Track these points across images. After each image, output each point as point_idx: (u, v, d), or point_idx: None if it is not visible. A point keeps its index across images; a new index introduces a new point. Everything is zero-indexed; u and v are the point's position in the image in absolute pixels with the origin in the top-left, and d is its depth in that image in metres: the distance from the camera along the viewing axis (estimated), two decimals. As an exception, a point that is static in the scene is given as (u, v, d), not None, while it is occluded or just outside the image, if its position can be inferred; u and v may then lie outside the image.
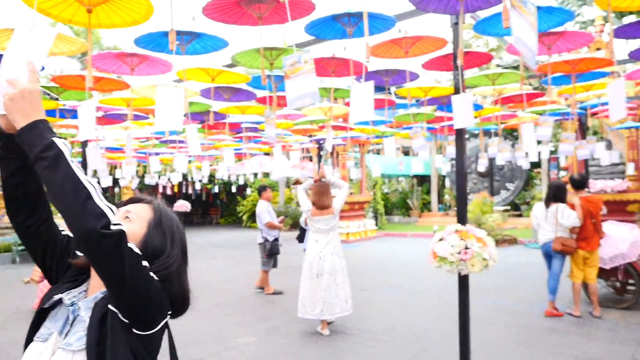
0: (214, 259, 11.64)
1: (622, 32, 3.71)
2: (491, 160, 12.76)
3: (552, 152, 15.48)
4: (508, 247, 12.68)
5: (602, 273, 6.38)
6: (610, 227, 6.38)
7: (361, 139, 11.78)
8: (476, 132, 14.51)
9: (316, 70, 5.01)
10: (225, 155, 7.76)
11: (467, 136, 16.69)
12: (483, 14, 4.09)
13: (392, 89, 6.36)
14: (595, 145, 6.50)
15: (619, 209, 10.48)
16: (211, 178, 18.57)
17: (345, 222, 14.79)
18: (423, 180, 23.11)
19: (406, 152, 19.83)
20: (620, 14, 16.23)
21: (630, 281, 6.40)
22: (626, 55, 4.48)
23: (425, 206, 22.10)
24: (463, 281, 3.64)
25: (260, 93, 5.86)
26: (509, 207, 18.23)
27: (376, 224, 17.88)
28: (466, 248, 3.42)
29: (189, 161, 13.67)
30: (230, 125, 7.74)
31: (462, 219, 3.64)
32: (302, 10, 3.48)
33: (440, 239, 3.57)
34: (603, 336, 5.22)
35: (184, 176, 17.29)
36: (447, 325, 5.46)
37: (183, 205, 16.30)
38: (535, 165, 19.67)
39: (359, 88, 3.06)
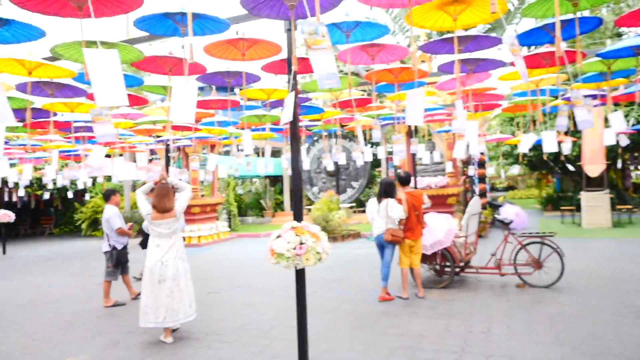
0: (45, 274, 10.36)
1: (428, 48, 4.28)
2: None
3: (389, 153, 17.09)
4: (352, 240, 13.66)
5: (425, 258, 7.28)
6: (430, 218, 7.29)
7: (211, 140, 11.59)
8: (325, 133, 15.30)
9: (153, 69, 4.82)
10: (53, 157, 6.98)
11: (315, 138, 17.47)
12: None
13: (236, 89, 6.41)
14: (417, 146, 7.37)
15: (441, 202, 12.05)
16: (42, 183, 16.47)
17: (196, 225, 14.40)
18: (276, 180, 23.63)
19: (260, 153, 20.05)
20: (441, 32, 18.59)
21: (447, 264, 7.41)
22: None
23: (279, 206, 22.62)
24: (300, 275, 3.85)
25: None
26: (354, 204, 19.65)
27: (229, 226, 17.75)
28: (301, 243, 3.62)
29: (11, 164, 11.96)
30: (57, 124, 6.98)
31: (298, 216, 3.83)
32: (130, 3, 3.33)
33: (278, 237, 3.71)
34: (425, 313, 5.95)
35: (3, 181, 15.03)
36: (292, 319, 5.67)
37: (5, 215, 14.18)
38: (377, 164, 21.52)
39: (180, 88, 3.02)
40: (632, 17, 3.87)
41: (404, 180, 6.89)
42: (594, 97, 7.27)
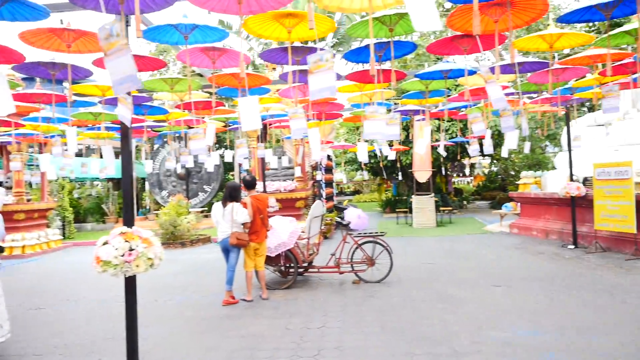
0: None
1: (267, 56, 4.44)
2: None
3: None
4: (202, 245, 13.35)
5: (270, 260, 7.47)
6: (275, 221, 7.51)
7: (39, 138, 10.33)
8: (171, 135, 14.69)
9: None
10: None
11: (165, 139, 16.58)
12: (155, 21, 4.21)
13: (66, 84, 5.84)
14: (264, 151, 7.56)
15: (290, 205, 12.45)
16: None
17: (19, 234, 12.64)
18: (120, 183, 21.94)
19: (100, 154, 18.42)
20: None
21: (291, 265, 7.70)
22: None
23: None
24: (130, 283, 3.66)
25: None
26: (206, 208, 19.21)
27: (63, 234, 15.97)
28: (131, 249, 3.45)
29: None
30: None
31: (128, 221, 3.65)
32: None
33: (105, 243, 3.49)
34: (267, 314, 6.11)
35: None
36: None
37: None
38: (230, 168, 21.37)
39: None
40: (438, 45, 4.53)
41: (249, 184, 6.99)
42: (416, 112, 8.28)
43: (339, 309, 6.18)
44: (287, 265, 7.72)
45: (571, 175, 10.42)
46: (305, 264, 7.81)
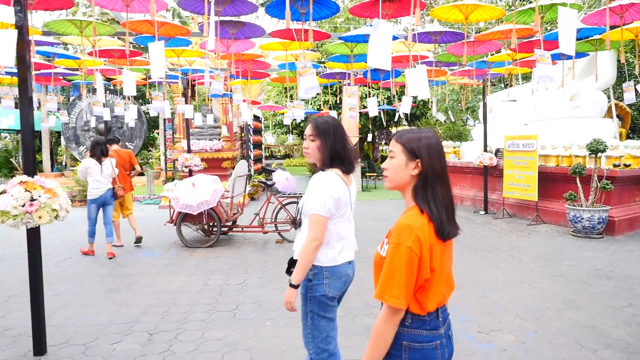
0: None
1: (184, 4, 4.24)
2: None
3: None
4: (123, 204, 12.85)
5: (193, 218, 7.40)
6: (198, 179, 7.39)
7: None
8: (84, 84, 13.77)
9: None
10: None
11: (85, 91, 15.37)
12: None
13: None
14: (185, 106, 7.30)
15: (216, 165, 12.27)
16: None
17: None
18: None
19: None
20: None
21: (214, 224, 7.67)
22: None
23: (37, 166, 19.61)
24: (33, 235, 3.50)
25: None
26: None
27: (-35, 189, 14.67)
28: (32, 200, 3.28)
29: None
30: None
31: (28, 170, 3.45)
32: None
33: (2, 192, 3.28)
34: (187, 271, 6.09)
35: None
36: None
37: None
38: (155, 126, 20.51)
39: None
40: (361, 8, 4.58)
41: (113, 141, 7.62)
42: (342, 76, 8.37)
43: (259, 267, 6.30)
44: (210, 224, 7.68)
45: (485, 146, 11.12)
46: (229, 223, 7.81)
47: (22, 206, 3.22)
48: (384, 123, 16.44)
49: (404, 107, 6.23)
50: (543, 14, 4.97)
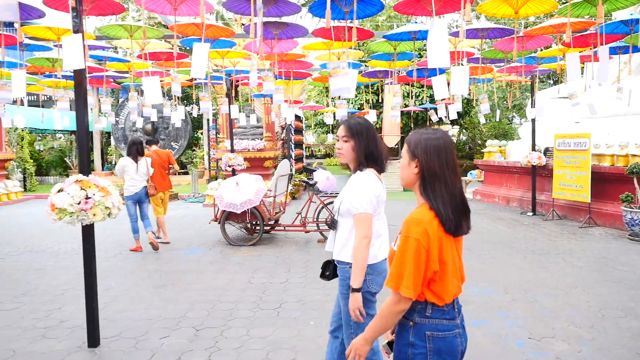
0: None
1: (229, 6, 4.30)
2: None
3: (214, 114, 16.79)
4: (170, 202, 13.23)
5: (236, 217, 7.51)
6: (242, 179, 7.50)
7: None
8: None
9: None
10: None
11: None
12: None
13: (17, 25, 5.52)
14: (227, 106, 7.43)
15: (258, 164, 12.42)
16: None
17: (-24, 184, 12.23)
18: (85, 137, 21.29)
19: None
20: None
21: (257, 222, 7.76)
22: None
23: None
24: (88, 231, 3.63)
25: None
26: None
27: (24, 186, 15.54)
28: (87, 198, 3.41)
29: None
30: None
31: (83, 169, 3.58)
32: None
33: (60, 190, 3.43)
34: (231, 269, 6.19)
35: None
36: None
37: None
38: (199, 126, 21.00)
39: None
40: (405, 5, 4.49)
41: (151, 142, 7.84)
42: (385, 75, 8.26)
43: (302, 266, 6.32)
44: (253, 222, 7.78)
45: (533, 144, 10.72)
46: (272, 222, 7.88)
47: (78, 204, 3.35)
48: (428, 121, 16.16)
49: (453, 109, 6.09)
50: (602, 6, 4.72)
